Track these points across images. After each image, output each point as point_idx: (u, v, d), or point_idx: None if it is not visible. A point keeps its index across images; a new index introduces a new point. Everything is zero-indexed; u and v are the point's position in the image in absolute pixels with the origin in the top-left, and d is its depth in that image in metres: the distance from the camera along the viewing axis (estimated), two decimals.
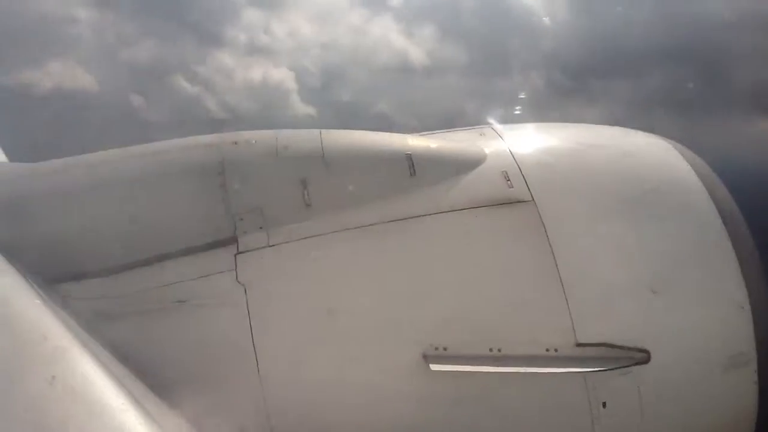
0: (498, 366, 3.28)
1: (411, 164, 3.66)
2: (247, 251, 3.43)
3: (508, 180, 3.65)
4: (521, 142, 3.98)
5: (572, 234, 3.50)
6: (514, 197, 3.59)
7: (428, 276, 3.42)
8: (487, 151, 3.86)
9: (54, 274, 3.35)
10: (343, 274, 3.42)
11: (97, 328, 3.17)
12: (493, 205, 3.57)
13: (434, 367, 3.23)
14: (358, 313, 3.34)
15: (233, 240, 3.46)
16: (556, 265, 3.39)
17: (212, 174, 3.54)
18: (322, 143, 3.67)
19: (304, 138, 3.73)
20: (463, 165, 3.75)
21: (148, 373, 3.03)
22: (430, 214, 3.54)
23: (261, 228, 3.48)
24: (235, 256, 3.42)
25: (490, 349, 3.30)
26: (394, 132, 3.98)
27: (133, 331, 3.26)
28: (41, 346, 2.54)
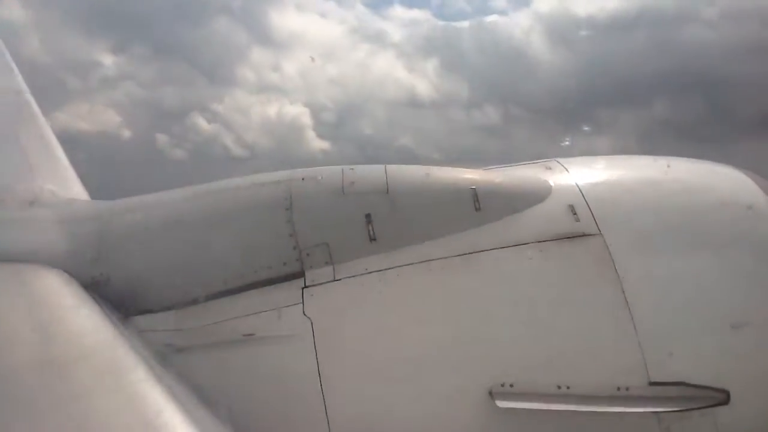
0: (566, 404, 3.19)
1: (476, 199, 3.66)
2: (314, 285, 3.48)
3: (575, 213, 3.60)
4: (588, 175, 3.93)
5: (642, 268, 3.41)
6: (581, 231, 3.53)
7: (495, 311, 3.38)
8: (552, 184, 3.82)
9: (129, 306, 3.48)
10: (409, 308, 3.42)
11: (169, 360, 3.27)
12: (559, 239, 3.52)
13: (501, 404, 3.17)
14: (424, 348, 3.32)
15: (300, 274, 3.52)
16: (626, 301, 3.30)
17: (280, 209, 3.63)
18: (386, 179, 3.72)
19: (370, 173, 3.78)
20: (529, 199, 3.72)
21: (217, 405, 3.10)
22: (496, 249, 3.52)
23: (327, 262, 3.53)
24: (302, 290, 3.47)
25: (558, 387, 3.22)
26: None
27: (202, 364, 3.33)
28: (115, 376, 2.64)
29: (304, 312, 3.39)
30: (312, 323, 3.35)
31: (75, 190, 5.07)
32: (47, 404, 2.44)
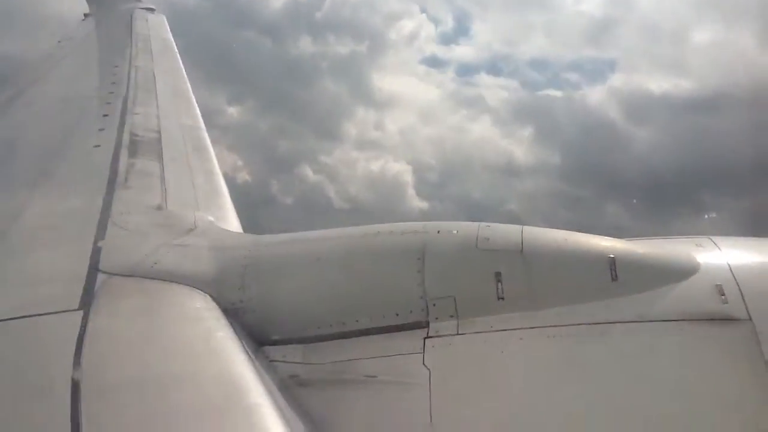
0: None
1: (613, 268, 3.53)
2: (437, 336, 3.49)
3: (723, 295, 3.36)
4: (742, 255, 3.67)
5: None
6: (729, 314, 3.28)
7: (625, 387, 3.20)
8: (701, 262, 3.60)
9: (262, 335, 3.68)
10: (532, 372, 3.33)
11: (292, 391, 3.40)
12: (703, 320, 3.29)
13: None
14: (540, 414, 3.20)
15: (425, 324, 3.55)
16: None
17: (413, 259, 3.70)
18: (522, 239, 3.69)
19: (505, 232, 3.77)
20: (672, 274, 3.53)
21: None
22: (630, 322, 3.35)
23: (452, 316, 3.54)
24: (424, 339, 3.49)
25: None
26: None
27: (323, 398, 3.43)
28: (238, 399, 2.82)
29: (424, 362, 3.40)
30: (430, 374, 3.35)
31: (231, 222, 5.48)
32: (170, 417, 2.65)
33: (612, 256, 3.58)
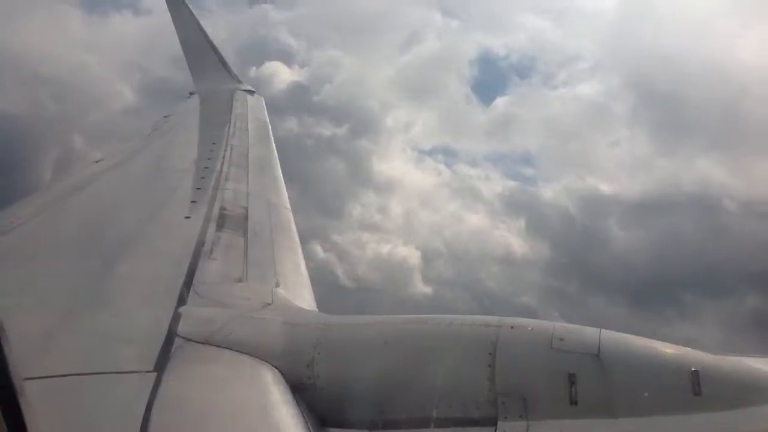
0: None
1: (697, 382, 3.35)
2: None
3: None
4: None
5: None
6: None
7: None
8: None
9: (327, 415, 3.66)
10: None
11: None
12: None
13: None
14: None
15: (493, 421, 3.44)
16: None
17: (484, 353, 3.63)
18: (599, 342, 3.57)
19: (582, 334, 3.66)
20: (760, 394, 3.31)
21: None
22: None
23: (522, 416, 3.42)
24: None
25: None
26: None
27: None
28: None
29: None
30: None
31: (307, 300, 5.58)
32: None
33: (695, 369, 3.40)
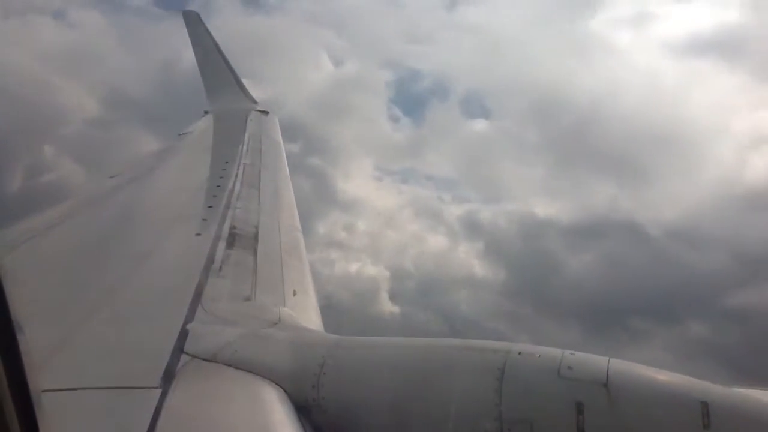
0: None
1: (706, 414, 3.31)
2: None
3: None
4: None
5: None
6: None
7: None
8: None
9: None
10: None
11: None
12: None
13: None
14: None
15: None
16: None
17: (491, 378, 3.61)
18: (608, 371, 3.54)
19: (590, 362, 3.64)
20: None
21: None
22: None
23: None
24: None
25: None
26: None
27: None
28: None
29: None
30: None
31: (314, 320, 5.57)
32: None
33: (705, 401, 3.36)
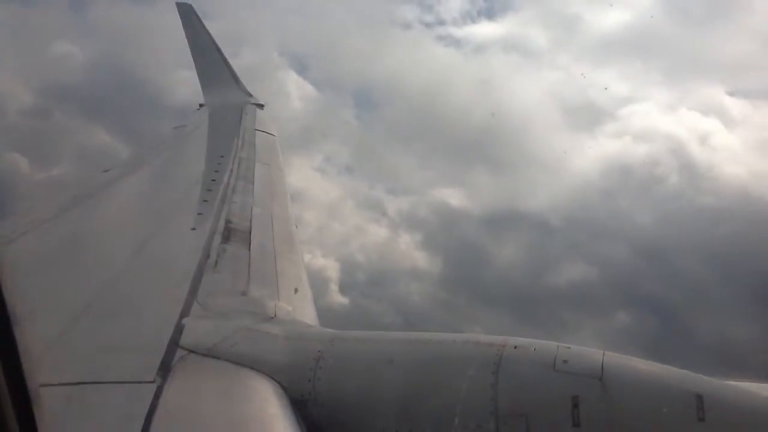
0: None
1: (701, 407, 3.33)
2: None
3: None
4: None
5: None
6: None
7: None
8: None
9: (326, 430, 3.65)
10: None
11: None
12: None
13: None
14: None
15: None
16: None
17: (487, 372, 3.62)
18: (603, 364, 3.55)
19: (585, 356, 3.65)
20: (766, 422, 3.29)
21: None
22: None
23: None
24: None
25: None
26: None
27: None
28: None
29: None
30: None
31: (309, 314, 5.57)
32: None
33: (700, 394, 3.38)
